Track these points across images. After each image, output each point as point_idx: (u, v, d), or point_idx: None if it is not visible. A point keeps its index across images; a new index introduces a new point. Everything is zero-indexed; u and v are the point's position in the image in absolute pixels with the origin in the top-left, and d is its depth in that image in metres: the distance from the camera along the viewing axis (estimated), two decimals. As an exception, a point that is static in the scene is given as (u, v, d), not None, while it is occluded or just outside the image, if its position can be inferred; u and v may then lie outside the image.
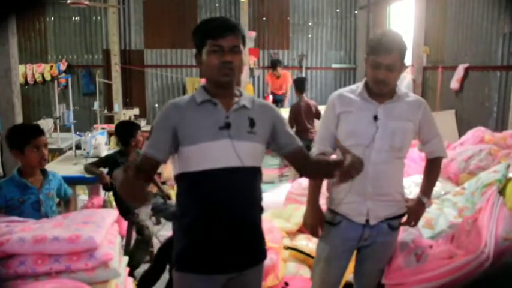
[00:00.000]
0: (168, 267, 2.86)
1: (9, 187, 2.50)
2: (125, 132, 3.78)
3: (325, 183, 2.20)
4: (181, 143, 1.67)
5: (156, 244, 3.79)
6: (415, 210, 2.17)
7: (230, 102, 1.72)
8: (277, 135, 1.79)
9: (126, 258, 2.32)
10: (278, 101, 8.13)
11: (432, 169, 2.22)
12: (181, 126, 1.67)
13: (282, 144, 1.81)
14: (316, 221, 2.13)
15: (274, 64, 8.09)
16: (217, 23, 1.69)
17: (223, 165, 1.66)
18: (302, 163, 1.86)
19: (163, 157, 1.70)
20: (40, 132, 2.55)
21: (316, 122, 5.61)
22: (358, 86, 2.10)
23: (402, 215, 2.16)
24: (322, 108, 3.97)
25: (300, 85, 5.84)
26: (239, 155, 1.67)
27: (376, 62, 1.94)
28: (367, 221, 2.05)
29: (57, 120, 5.82)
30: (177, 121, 1.67)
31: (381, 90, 2.00)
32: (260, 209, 1.81)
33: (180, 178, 1.73)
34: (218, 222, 1.68)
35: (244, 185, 1.71)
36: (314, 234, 2.17)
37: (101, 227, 1.99)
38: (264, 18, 8.94)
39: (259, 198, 1.80)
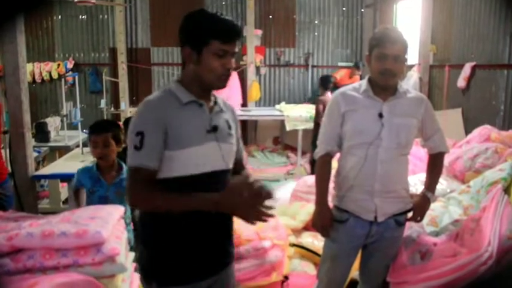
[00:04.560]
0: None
1: (84, 174, 2.67)
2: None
3: (331, 181, 2.21)
4: (167, 147, 1.53)
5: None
6: (420, 206, 2.19)
7: (210, 104, 1.65)
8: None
9: (132, 254, 2.34)
10: None
11: (435, 164, 2.24)
12: (169, 128, 1.53)
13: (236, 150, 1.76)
14: (326, 222, 2.13)
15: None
16: (228, 25, 1.56)
17: (211, 168, 1.60)
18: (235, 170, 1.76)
19: (159, 166, 1.54)
20: (98, 130, 2.63)
21: None
22: (361, 84, 2.11)
23: (408, 211, 2.17)
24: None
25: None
26: (224, 157, 1.63)
27: (383, 54, 1.98)
28: (375, 217, 2.07)
29: (65, 118, 5.86)
30: (166, 123, 1.53)
31: (387, 81, 2.01)
32: None
33: (161, 184, 1.56)
34: (204, 226, 1.60)
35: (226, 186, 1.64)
36: (324, 234, 2.17)
37: (108, 222, 2.01)
38: (270, 17, 8.92)
39: None
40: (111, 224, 2.01)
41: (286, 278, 2.88)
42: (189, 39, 1.57)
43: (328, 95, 5.88)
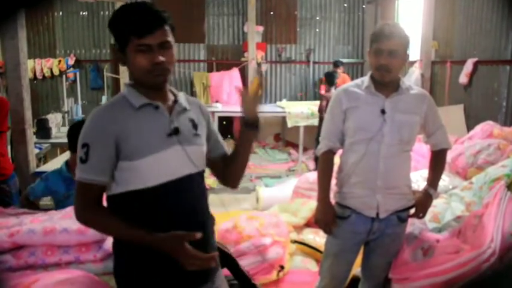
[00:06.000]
0: None
1: (55, 180, 2.54)
2: None
3: (333, 178, 2.21)
4: (124, 158, 1.42)
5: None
6: (422, 203, 2.18)
7: (168, 104, 1.53)
8: (209, 135, 1.64)
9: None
10: None
11: (438, 161, 2.23)
12: (123, 138, 1.41)
13: (212, 146, 1.65)
14: (329, 218, 2.12)
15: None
16: (140, 15, 1.42)
17: (180, 174, 1.48)
18: (225, 164, 1.67)
19: (109, 179, 1.43)
20: None
21: None
22: (364, 80, 2.11)
23: (411, 207, 2.17)
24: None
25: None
26: (192, 160, 1.51)
27: (378, 49, 1.98)
28: (377, 214, 2.07)
29: (66, 115, 5.87)
30: (117, 133, 1.41)
31: (383, 77, 2.01)
32: (210, 216, 1.63)
33: (122, 198, 1.45)
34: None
35: (200, 190, 1.57)
36: (328, 231, 2.17)
37: (109, 219, 2.01)
38: (272, 13, 8.90)
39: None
40: (112, 221, 2.01)
41: (282, 267, 2.87)
42: (115, 39, 1.48)
43: (332, 91, 5.90)
